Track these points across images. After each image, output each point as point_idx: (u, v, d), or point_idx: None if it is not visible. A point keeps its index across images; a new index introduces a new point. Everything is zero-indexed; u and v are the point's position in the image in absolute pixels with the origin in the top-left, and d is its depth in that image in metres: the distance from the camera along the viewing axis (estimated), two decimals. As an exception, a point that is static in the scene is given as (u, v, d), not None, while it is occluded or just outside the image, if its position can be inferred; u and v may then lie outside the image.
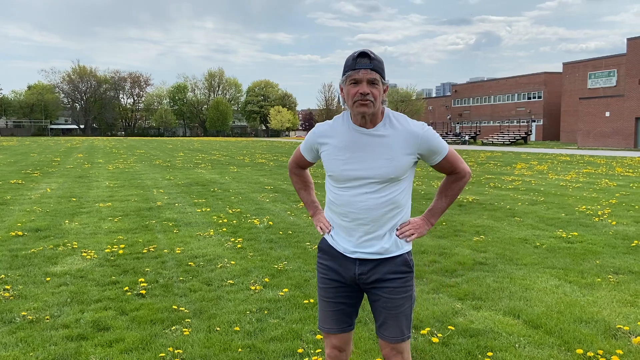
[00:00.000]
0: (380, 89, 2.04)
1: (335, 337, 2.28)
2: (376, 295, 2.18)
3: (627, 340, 3.51)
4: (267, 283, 4.81)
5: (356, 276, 2.18)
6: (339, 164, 2.13)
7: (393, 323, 2.15)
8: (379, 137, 2.10)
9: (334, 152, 2.15)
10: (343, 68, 2.07)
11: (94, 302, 4.30)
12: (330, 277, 2.23)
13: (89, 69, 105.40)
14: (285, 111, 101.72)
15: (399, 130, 2.10)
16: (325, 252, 2.26)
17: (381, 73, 2.04)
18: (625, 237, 6.78)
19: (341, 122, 2.18)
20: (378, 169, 2.09)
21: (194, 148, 40.33)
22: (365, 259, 2.16)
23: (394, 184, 2.12)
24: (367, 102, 2.02)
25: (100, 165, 20.55)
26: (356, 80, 2.02)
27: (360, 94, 2.01)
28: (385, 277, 2.15)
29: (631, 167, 19.90)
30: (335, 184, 2.18)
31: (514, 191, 11.93)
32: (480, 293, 4.50)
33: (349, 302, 2.25)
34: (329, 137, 2.18)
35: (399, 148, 2.09)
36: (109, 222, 7.97)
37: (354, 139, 2.12)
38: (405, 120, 2.13)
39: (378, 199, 2.11)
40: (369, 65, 2.01)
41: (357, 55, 2.02)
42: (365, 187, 2.11)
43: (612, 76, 51.85)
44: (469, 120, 73.08)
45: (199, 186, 13.15)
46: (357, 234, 2.15)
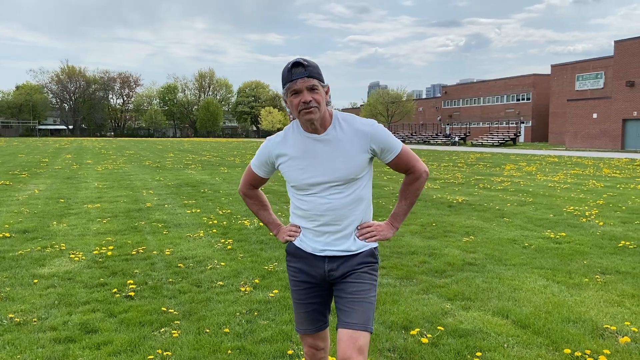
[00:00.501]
0: (321, 92, 2.09)
1: (311, 337, 2.33)
2: (342, 284, 2.20)
3: (614, 340, 3.55)
4: (257, 284, 4.80)
5: (326, 273, 2.22)
6: (299, 173, 2.18)
7: (359, 309, 2.12)
8: (332, 141, 2.15)
9: (291, 162, 2.19)
10: (281, 80, 2.11)
11: (82, 304, 4.27)
12: (301, 278, 2.28)
13: (77, 69, 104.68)
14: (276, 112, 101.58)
15: (349, 131, 2.16)
16: (293, 255, 2.30)
17: (318, 77, 2.08)
18: (612, 238, 6.85)
19: (292, 132, 2.22)
20: (336, 172, 2.14)
21: (184, 149, 40.15)
22: (335, 256, 2.21)
23: (355, 182, 2.18)
24: (311, 109, 2.07)
25: (89, 166, 20.39)
26: (296, 90, 2.06)
27: (303, 102, 2.06)
28: (353, 268, 2.21)
29: (618, 168, 20.11)
30: (298, 191, 2.22)
31: (503, 192, 12.01)
32: (469, 293, 4.53)
33: (321, 301, 2.30)
34: (283, 148, 2.22)
35: (352, 148, 2.15)
36: (97, 223, 7.91)
37: (308, 146, 2.17)
38: (353, 119, 2.19)
39: (342, 198, 2.17)
40: (305, 73, 2.05)
41: (291, 66, 2.06)
42: (328, 190, 2.16)
43: (599, 78, 52.37)
44: (459, 122, 73.46)
45: (189, 187, 13.09)
46: (326, 234, 2.20)
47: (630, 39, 41.47)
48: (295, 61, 2.06)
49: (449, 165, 22.09)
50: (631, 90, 40.92)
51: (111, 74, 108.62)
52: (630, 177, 16.12)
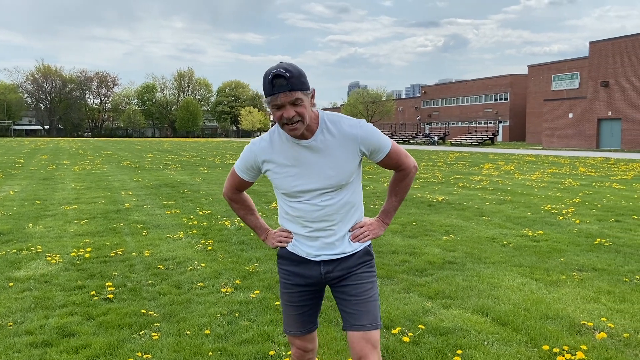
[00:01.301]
0: (305, 104, 1.97)
1: (300, 338, 2.31)
2: (343, 287, 2.18)
3: (591, 335, 3.61)
4: (238, 285, 4.77)
5: (322, 275, 2.19)
6: (289, 181, 2.11)
7: (365, 309, 2.13)
8: (321, 147, 2.07)
9: (280, 170, 2.12)
10: (262, 87, 1.98)
11: (59, 307, 4.19)
12: (294, 281, 2.23)
13: (53, 68, 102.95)
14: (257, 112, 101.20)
15: (337, 135, 2.08)
16: (285, 258, 2.25)
17: (301, 88, 1.94)
18: (588, 235, 6.98)
19: (278, 137, 2.12)
20: (328, 179, 2.09)
21: (164, 149, 39.73)
22: (330, 260, 2.18)
23: (345, 187, 2.14)
24: (295, 125, 1.98)
25: (65, 167, 20.04)
26: (278, 106, 1.95)
27: (286, 117, 1.96)
28: (351, 270, 2.19)
29: (593, 167, 20.52)
30: (288, 198, 2.17)
31: (482, 191, 12.15)
32: (449, 292, 4.57)
33: (313, 302, 2.28)
34: (270, 154, 2.13)
35: (342, 154, 2.08)
36: (74, 225, 7.78)
37: (297, 153, 2.09)
38: (340, 120, 2.10)
39: (334, 204, 2.13)
40: (287, 86, 1.91)
41: (271, 78, 1.91)
42: (320, 197, 2.12)
43: (575, 79, 53.36)
44: (438, 121, 74.13)
45: (169, 188, 12.96)
46: (319, 240, 2.16)
47: (605, 40, 42.36)
48: (276, 73, 1.90)
49: (429, 164, 22.27)
50: (606, 91, 41.79)
51: (88, 74, 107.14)
52: (605, 175, 16.45)
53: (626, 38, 40.52)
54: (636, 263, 5.52)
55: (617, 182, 14.29)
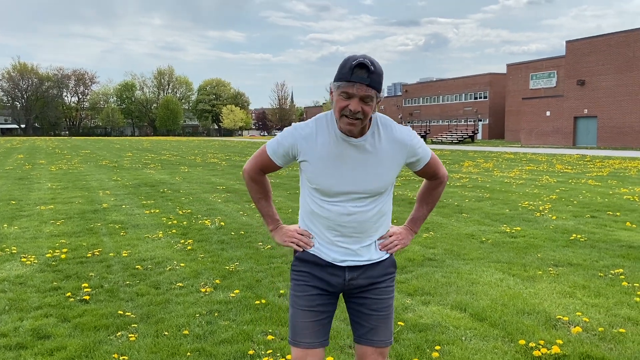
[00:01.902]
0: (373, 105, 1.88)
1: (311, 354, 2.04)
2: (364, 299, 2.08)
3: (566, 330, 3.67)
4: (218, 285, 4.74)
5: (346, 282, 2.06)
6: (327, 177, 1.97)
7: (384, 326, 2.07)
8: (368, 149, 1.96)
9: (320, 163, 1.97)
10: (337, 72, 1.87)
11: (34, 309, 4.11)
12: (313, 283, 2.05)
13: (30, 66, 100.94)
14: (238, 110, 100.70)
15: (386, 141, 1.99)
16: (306, 262, 2.07)
17: (377, 88, 1.85)
18: (564, 231, 7.09)
19: (325, 128, 1.98)
20: (369, 184, 1.98)
21: (143, 148, 39.29)
22: (355, 266, 2.06)
23: (380, 196, 2.04)
24: (355, 122, 1.87)
25: (42, 167, 19.69)
26: (349, 94, 1.84)
27: (350, 110, 1.84)
28: (375, 279, 2.08)
29: (570, 164, 20.87)
30: (320, 196, 2.01)
31: (462, 188, 12.27)
32: (429, 288, 4.60)
33: (330, 310, 2.10)
34: (313, 144, 1.97)
35: (388, 161, 1.99)
36: (50, 225, 7.64)
37: (342, 150, 1.96)
38: (392, 126, 2.01)
39: (367, 212, 2.01)
40: (366, 80, 1.81)
41: (355, 64, 1.81)
42: (354, 201, 1.99)
43: (552, 77, 54.19)
44: (420, 120, 74.64)
45: (148, 187, 12.82)
46: (344, 246, 2.03)
47: (581, 39, 43.08)
48: (362, 61, 1.80)
49: (410, 162, 22.40)
50: (582, 89, 42.53)
51: (65, 71, 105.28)
52: (581, 172, 16.75)
53: (602, 37, 41.29)
54: (611, 258, 5.63)
55: (593, 178, 14.55)
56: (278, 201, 10.09)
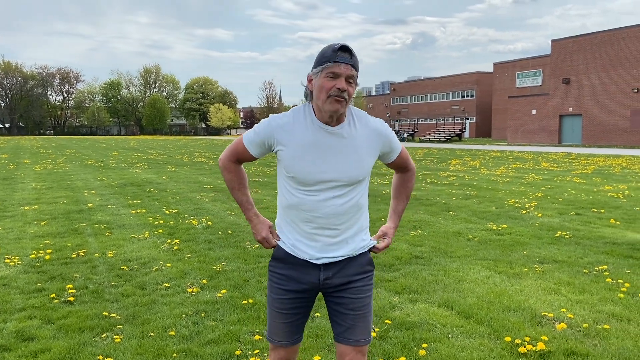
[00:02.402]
0: (354, 88, 1.97)
1: (285, 350, 2.16)
2: (341, 299, 2.08)
3: (551, 326, 3.70)
4: (205, 285, 4.71)
5: (320, 282, 2.06)
6: (305, 165, 1.97)
7: (361, 324, 2.07)
8: (345, 137, 2.00)
9: (297, 151, 1.97)
10: (318, 58, 1.93)
11: (18, 311, 4.06)
12: (288, 287, 2.08)
13: (14, 64, 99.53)
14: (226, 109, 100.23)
15: (363, 130, 2.03)
16: (282, 261, 2.09)
17: (357, 72, 1.95)
18: (549, 229, 7.16)
19: (302, 117, 2.00)
20: (348, 171, 1.99)
21: (130, 147, 38.97)
22: (331, 263, 2.06)
23: (358, 185, 2.05)
24: (342, 100, 1.91)
25: (26, 166, 19.45)
26: (335, 74, 1.89)
27: (338, 89, 1.89)
28: (352, 278, 2.07)
29: (555, 162, 21.08)
30: (298, 186, 2.01)
31: (449, 186, 12.34)
32: (416, 286, 4.61)
33: (305, 311, 2.14)
34: (290, 132, 1.98)
35: (365, 148, 2.03)
36: (35, 226, 7.55)
37: (320, 137, 1.98)
38: (366, 118, 2.07)
39: (345, 203, 2.02)
40: (350, 61, 1.90)
41: (339, 48, 1.89)
42: (333, 190, 2.00)
43: (538, 76, 54.69)
44: (407, 118, 74.91)
45: (134, 187, 12.71)
46: (322, 239, 2.04)
47: (566, 38, 43.51)
48: (344, 45, 1.90)
49: (397, 160, 22.47)
50: (567, 87, 42.97)
51: (50, 70, 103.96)
52: (566, 170, 16.93)
53: (587, 36, 41.74)
54: (595, 255, 5.69)
55: (578, 176, 14.72)
56: (266, 200, 10.07)
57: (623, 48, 38.82)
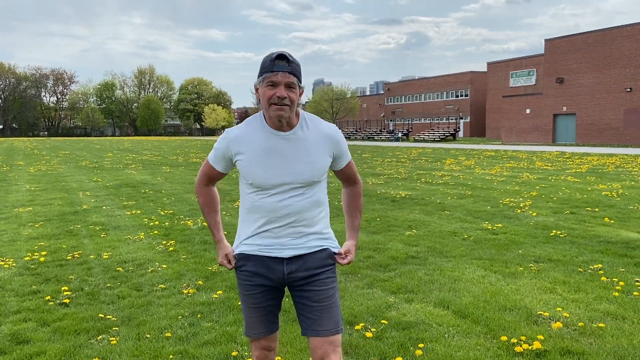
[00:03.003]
0: (297, 93, 2.04)
1: (265, 339, 2.27)
2: (305, 292, 2.16)
3: (547, 325, 3.72)
4: (201, 286, 4.70)
5: (285, 276, 2.16)
6: (260, 171, 2.08)
7: (327, 315, 2.14)
8: (298, 141, 2.10)
9: (253, 159, 2.09)
10: (260, 68, 2.05)
11: (13, 313, 4.04)
12: (256, 282, 2.18)
13: (7, 65, 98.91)
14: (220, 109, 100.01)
15: (314, 133, 2.13)
16: (247, 259, 2.20)
17: (298, 77, 2.03)
18: (544, 227, 7.19)
19: (255, 127, 2.13)
20: (301, 173, 2.09)
21: (124, 148, 38.83)
22: (294, 256, 2.15)
23: (315, 185, 2.15)
24: (284, 107, 2.01)
25: (20, 168, 19.34)
26: (274, 82, 2.00)
27: (278, 97, 1.99)
28: (314, 272, 2.16)
29: (549, 161, 21.16)
30: (256, 191, 2.12)
31: (444, 186, 12.36)
32: (412, 286, 4.62)
33: (276, 302, 2.25)
34: (244, 143, 2.11)
35: (318, 150, 2.12)
36: (29, 228, 7.50)
37: (273, 143, 2.09)
38: (319, 122, 2.17)
39: (303, 201, 2.12)
40: (287, 68, 1.99)
41: (275, 57, 2.00)
42: (289, 192, 2.10)
43: (531, 75, 54.89)
44: (402, 118, 75.01)
45: (129, 188, 12.67)
46: (283, 236, 2.14)
47: (560, 38, 43.69)
48: (280, 53, 2.00)
49: (393, 160, 22.51)
50: (561, 87, 43.15)
51: (43, 71, 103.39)
52: (561, 169, 17.00)
53: (580, 35, 41.93)
54: (590, 253, 5.72)
55: (572, 175, 14.78)
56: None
57: (616, 47, 39.02)
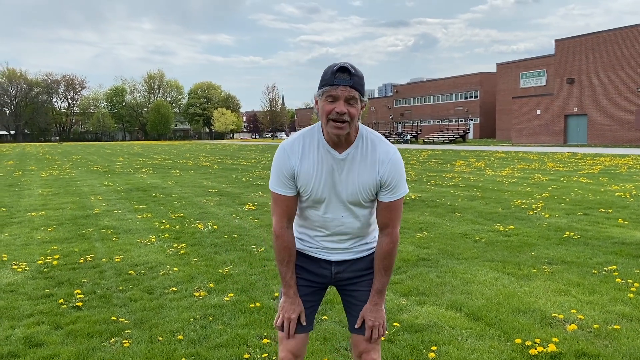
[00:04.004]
0: (358, 108, 1.94)
1: (294, 340, 2.18)
2: (354, 292, 2.20)
3: (562, 328, 3.68)
4: (212, 288, 4.70)
5: (332, 275, 2.20)
6: (311, 187, 2.06)
7: None
8: (349, 163, 2.03)
9: (307, 173, 2.04)
10: (320, 79, 1.96)
11: (26, 317, 4.06)
12: (303, 276, 2.19)
13: (18, 71, 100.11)
14: (229, 113, 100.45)
15: (369, 154, 2.04)
16: (299, 255, 2.20)
17: (361, 90, 1.93)
18: (557, 229, 7.12)
19: (312, 139, 2.06)
20: (350, 195, 2.06)
21: (135, 152, 39.09)
22: (342, 260, 2.19)
23: (364, 206, 2.12)
24: (343, 125, 1.92)
25: (32, 173, 19.53)
26: (333, 97, 1.91)
27: (337, 112, 1.91)
28: (361, 273, 2.19)
29: (561, 162, 20.99)
30: (306, 204, 2.13)
31: (454, 188, 12.30)
32: (424, 288, 4.59)
33: (317, 299, 2.26)
34: (301, 155, 2.05)
35: (368, 173, 2.04)
36: (42, 232, 7.57)
37: (327, 161, 2.04)
38: (377, 144, 2.04)
39: (353, 222, 2.12)
40: (349, 82, 1.89)
41: (337, 69, 1.90)
42: (339, 212, 2.10)
43: (542, 76, 54.51)
44: (411, 120, 74.82)
45: (140, 192, 12.74)
46: (333, 246, 2.17)
47: (570, 38, 43.38)
48: (342, 65, 1.90)
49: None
50: (572, 87, 42.82)
51: (55, 77, 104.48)
52: (573, 170, 16.85)
53: (591, 35, 41.59)
54: (604, 255, 5.65)
55: (584, 176, 14.64)
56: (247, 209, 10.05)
57: (627, 47, 38.67)
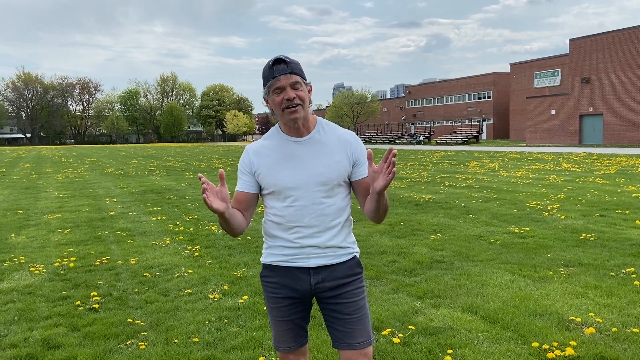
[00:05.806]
0: (305, 90, 2.02)
1: (293, 354, 2.20)
2: (336, 305, 2.10)
3: (579, 331, 3.63)
4: (227, 291, 4.72)
5: (312, 287, 2.09)
6: (279, 176, 2.05)
7: (360, 327, 2.09)
8: (315, 144, 2.08)
9: (272, 165, 2.07)
10: (263, 80, 2.03)
11: (44, 319, 4.11)
12: (282, 294, 2.12)
13: (34, 75, 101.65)
14: (242, 115, 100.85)
15: (332, 137, 2.11)
16: (272, 269, 2.14)
17: (301, 74, 2.00)
18: (573, 231, 7.03)
19: (274, 136, 2.13)
20: (320, 175, 2.04)
21: (148, 155, 39.40)
22: (319, 267, 2.09)
23: (336, 190, 2.08)
24: (296, 108, 1.99)
25: (48, 175, 19.77)
26: (279, 88, 1.98)
27: (287, 100, 1.98)
28: (342, 282, 2.10)
29: (577, 162, 20.74)
30: (277, 201, 2.08)
31: (468, 189, 12.21)
32: (438, 291, 4.56)
33: (304, 315, 2.18)
34: (264, 154, 2.10)
35: (335, 152, 2.08)
36: (58, 234, 7.65)
37: (290, 149, 2.08)
38: (336, 127, 2.16)
39: (325, 208, 2.06)
40: (287, 69, 1.97)
41: (272, 63, 1.99)
42: (310, 197, 2.04)
43: (556, 76, 53.97)
44: (423, 121, 74.49)
45: (154, 194, 12.83)
46: (308, 246, 2.07)
47: (584, 37, 42.89)
48: (276, 58, 1.99)
49: (415, 164, 22.35)
50: (586, 87, 42.32)
51: (69, 80, 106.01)
52: (589, 170, 16.64)
53: (605, 34, 41.09)
54: (622, 257, 5.57)
55: (601, 177, 14.45)
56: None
57: (643, 46, 38.11)
